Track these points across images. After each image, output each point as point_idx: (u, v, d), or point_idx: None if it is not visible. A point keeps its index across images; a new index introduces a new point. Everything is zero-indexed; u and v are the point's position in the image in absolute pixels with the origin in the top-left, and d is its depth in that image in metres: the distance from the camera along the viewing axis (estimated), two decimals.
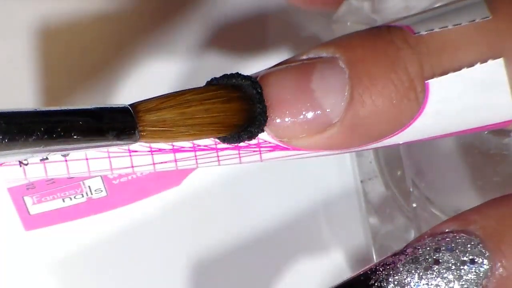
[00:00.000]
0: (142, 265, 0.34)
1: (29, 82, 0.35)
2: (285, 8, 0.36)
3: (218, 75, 0.24)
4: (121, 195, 0.27)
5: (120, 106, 0.23)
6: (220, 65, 0.36)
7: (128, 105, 0.23)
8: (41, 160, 0.24)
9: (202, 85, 0.24)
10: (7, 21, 0.35)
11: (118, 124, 0.22)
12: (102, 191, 0.27)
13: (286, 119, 0.23)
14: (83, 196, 0.27)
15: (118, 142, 0.22)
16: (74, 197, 0.27)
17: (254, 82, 0.24)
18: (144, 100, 0.23)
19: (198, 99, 0.23)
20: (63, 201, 0.27)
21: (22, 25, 0.35)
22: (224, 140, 0.24)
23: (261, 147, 0.24)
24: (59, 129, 0.21)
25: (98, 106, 0.22)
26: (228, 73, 0.24)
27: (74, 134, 0.21)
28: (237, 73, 0.24)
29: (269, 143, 0.24)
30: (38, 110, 0.21)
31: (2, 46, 0.35)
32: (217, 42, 0.36)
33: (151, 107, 0.23)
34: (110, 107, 0.22)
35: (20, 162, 0.24)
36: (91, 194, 0.27)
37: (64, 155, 0.24)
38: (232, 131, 0.24)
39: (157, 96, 0.23)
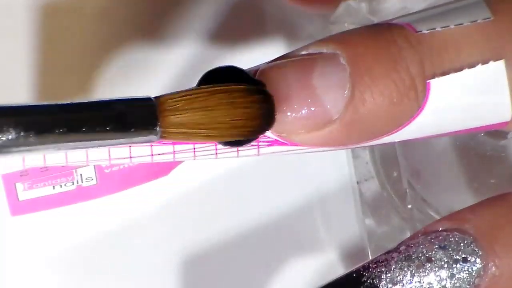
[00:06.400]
0: (129, 256, 0.35)
1: (28, 77, 0.35)
2: (282, 8, 0.36)
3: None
4: (110, 184, 0.28)
5: (145, 101, 0.22)
6: (217, 65, 0.37)
7: (153, 99, 0.22)
8: None
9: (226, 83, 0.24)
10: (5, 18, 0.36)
11: (139, 123, 0.22)
12: (92, 179, 0.27)
13: (287, 114, 0.24)
14: (73, 184, 0.27)
15: (137, 140, 0.22)
16: (65, 185, 0.27)
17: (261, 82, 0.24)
18: (169, 96, 0.23)
19: (224, 102, 0.23)
20: (53, 188, 0.27)
21: (20, 18, 0.36)
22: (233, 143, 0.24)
23: (260, 141, 0.25)
24: (81, 125, 0.21)
25: (122, 99, 0.22)
26: (222, 66, 0.24)
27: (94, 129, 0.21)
28: (232, 66, 0.24)
29: (268, 137, 0.25)
30: (58, 103, 0.21)
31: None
32: (213, 43, 0.36)
33: (176, 107, 0.22)
34: (134, 101, 0.22)
35: None
36: (82, 182, 0.27)
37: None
38: (249, 134, 0.24)
39: (182, 93, 0.23)
